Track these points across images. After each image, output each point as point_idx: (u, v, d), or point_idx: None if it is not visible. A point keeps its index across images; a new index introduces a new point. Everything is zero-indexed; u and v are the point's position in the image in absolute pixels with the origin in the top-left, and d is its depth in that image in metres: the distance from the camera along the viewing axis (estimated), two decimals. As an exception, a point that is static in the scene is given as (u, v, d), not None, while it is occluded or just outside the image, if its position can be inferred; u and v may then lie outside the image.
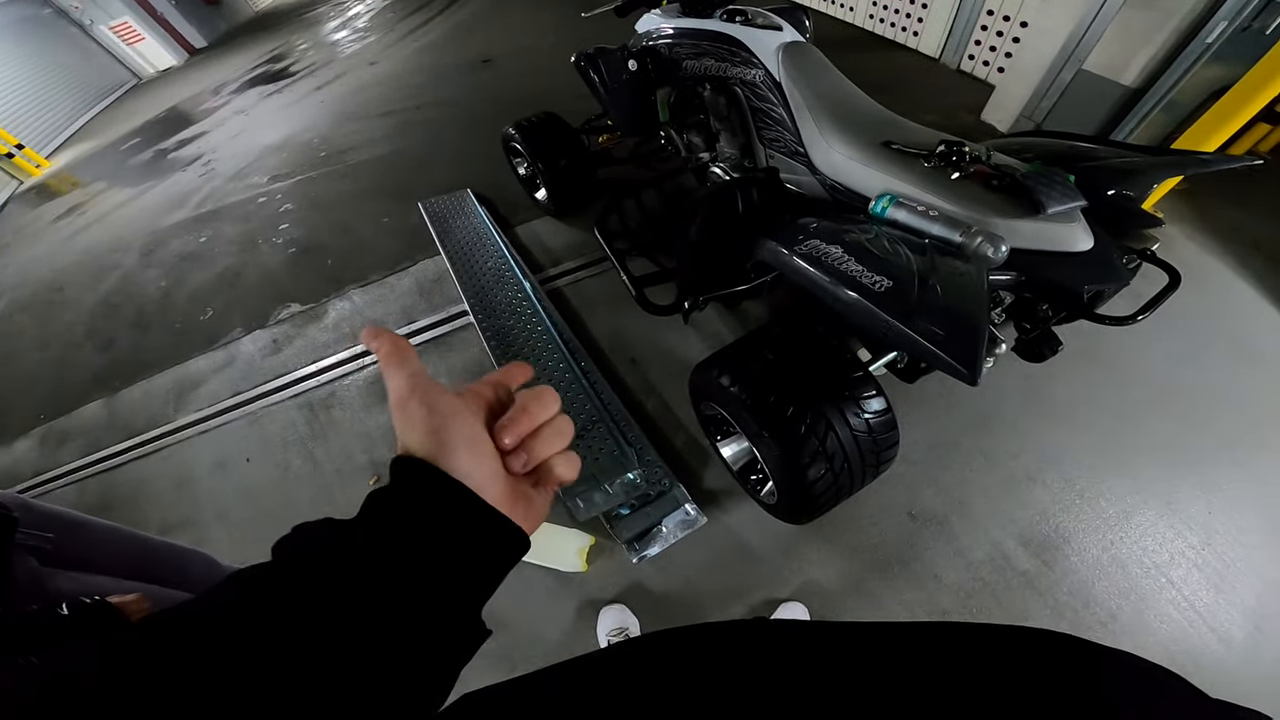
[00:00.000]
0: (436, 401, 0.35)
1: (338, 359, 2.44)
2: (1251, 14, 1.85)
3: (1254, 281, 1.97)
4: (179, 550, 1.33)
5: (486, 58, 4.97)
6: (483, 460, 0.35)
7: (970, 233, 1.06)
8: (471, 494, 0.33)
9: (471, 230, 2.68)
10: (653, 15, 2.02)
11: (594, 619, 1.53)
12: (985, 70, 3.19)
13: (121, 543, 1.20)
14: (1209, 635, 1.35)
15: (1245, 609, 1.37)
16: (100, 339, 3.07)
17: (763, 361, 1.24)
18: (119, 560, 1.15)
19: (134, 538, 1.24)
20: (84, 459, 2.39)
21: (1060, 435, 1.68)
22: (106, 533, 1.18)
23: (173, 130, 5.98)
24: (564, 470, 0.39)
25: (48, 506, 1.10)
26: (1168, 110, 2.21)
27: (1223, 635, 1.35)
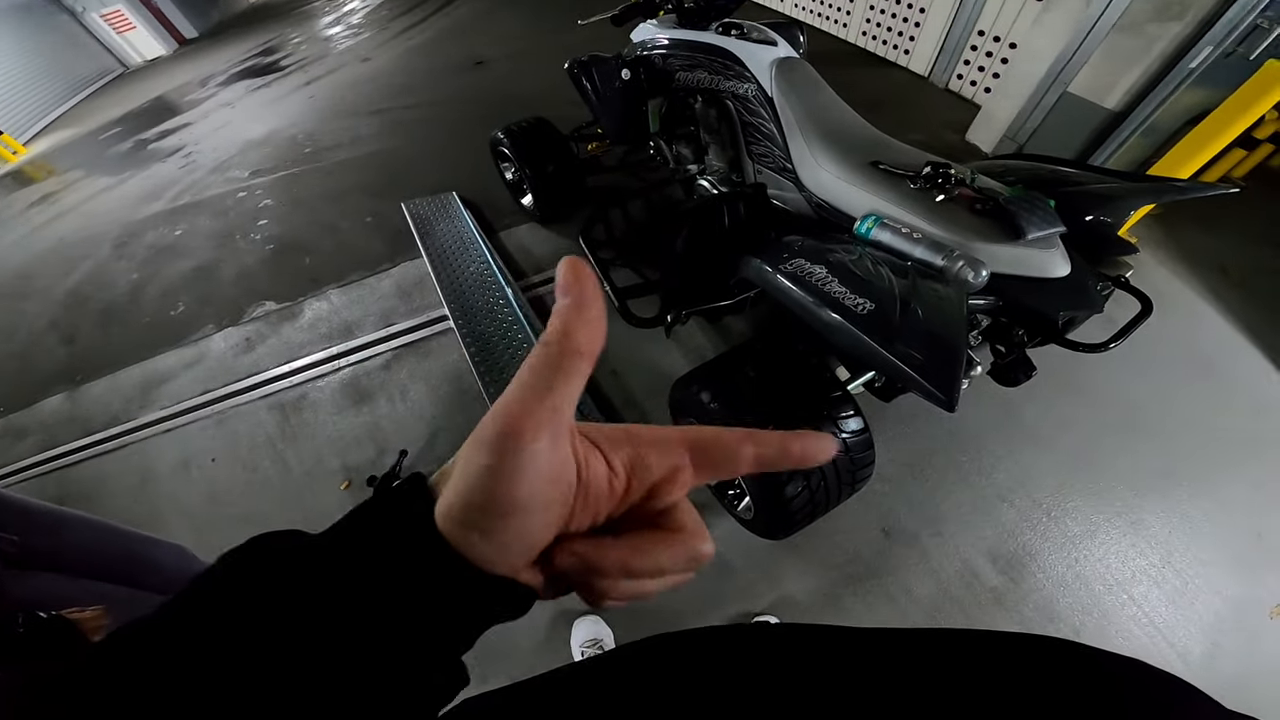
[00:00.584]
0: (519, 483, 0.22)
1: (312, 359, 2.39)
2: (1236, 40, 1.90)
3: (1221, 308, 2.01)
4: (153, 542, 1.28)
5: (480, 60, 4.94)
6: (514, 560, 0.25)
7: (952, 256, 1.06)
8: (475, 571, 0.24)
9: (455, 234, 2.65)
10: (648, 25, 2.02)
11: (567, 630, 1.51)
12: (972, 90, 3.23)
13: (94, 535, 1.16)
14: (1168, 650, 1.38)
15: (1203, 626, 1.41)
16: (66, 331, 2.99)
17: (743, 378, 1.24)
18: (91, 556, 1.11)
19: (107, 529, 1.20)
20: (42, 455, 2.31)
21: (1030, 456, 1.70)
22: (79, 525, 1.14)
23: (155, 120, 5.87)
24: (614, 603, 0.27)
25: (17, 498, 1.06)
26: (1147, 134, 2.26)
27: (1181, 651, 1.38)
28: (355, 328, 2.49)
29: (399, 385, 2.20)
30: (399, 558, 0.24)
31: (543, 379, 0.23)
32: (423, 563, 0.23)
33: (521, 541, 0.24)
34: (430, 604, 0.24)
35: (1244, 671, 1.35)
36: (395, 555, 0.24)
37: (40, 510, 1.09)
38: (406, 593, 0.23)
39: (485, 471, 0.22)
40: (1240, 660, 1.36)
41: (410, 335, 2.38)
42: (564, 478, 0.24)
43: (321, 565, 0.24)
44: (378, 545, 0.24)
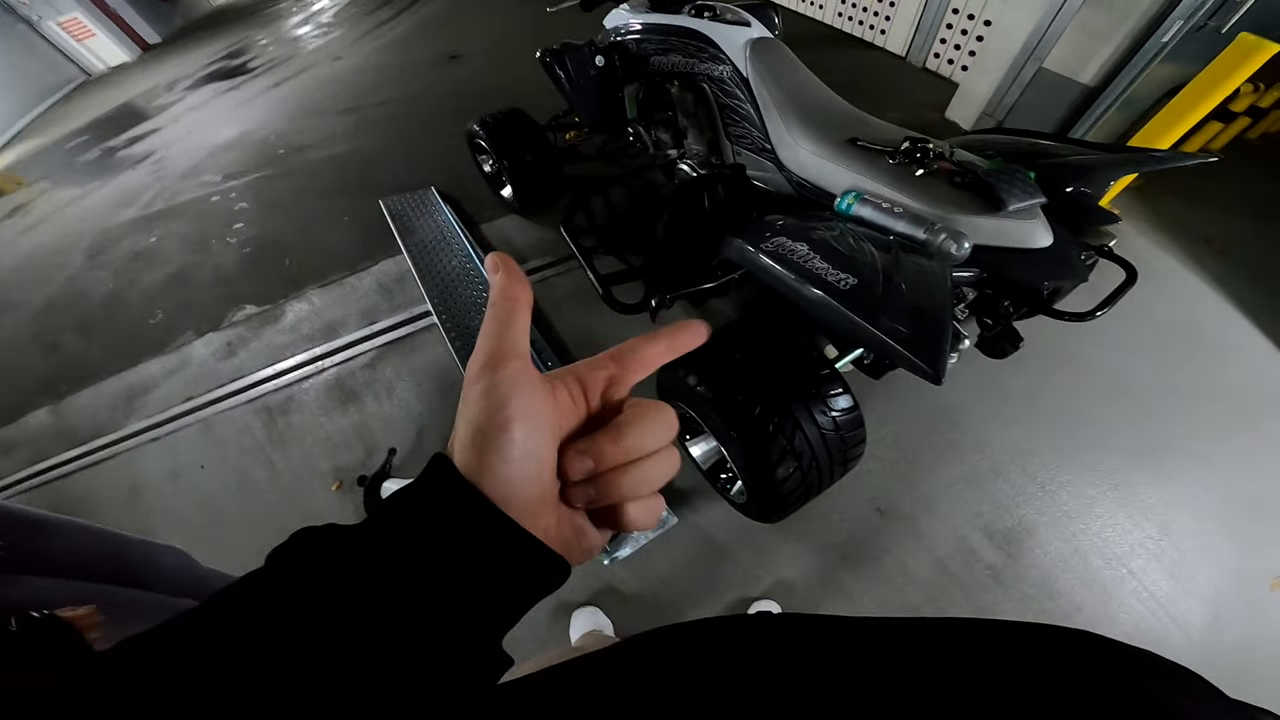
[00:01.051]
0: (506, 397, 0.27)
1: (296, 361, 2.35)
2: (1207, 13, 1.90)
3: (1205, 276, 2.03)
4: (147, 545, 1.27)
5: (454, 53, 4.86)
6: (530, 480, 0.27)
7: (934, 229, 1.06)
8: (504, 518, 0.26)
9: (435, 229, 2.61)
10: (620, 10, 1.99)
11: (567, 622, 1.50)
12: (950, 68, 3.24)
13: (87, 540, 1.15)
14: (1170, 625, 1.38)
15: (1203, 598, 1.41)
16: (45, 343, 2.90)
17: (729, 361, 1.22)
18: (84, 559, 1.10)
19: (100, 534, 1.18)
20: (30, 469, 2.26)
21: (1022, 429, 1.71)
22: (70, 530, 1.13)
23: (122, 127, 5.72)
24: (639, 518, 0.31)
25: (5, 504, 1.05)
26: (1124, 108, 2.27)
27: (1183, 624, 1.38)
28: (338, 327, 2.45)
29: (385, 383, 2.17)
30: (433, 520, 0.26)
31: (500, 324, 0.29)
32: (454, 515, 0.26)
33: (529, 457, 0.27)
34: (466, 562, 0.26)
35: (1246, 644, 1.35)
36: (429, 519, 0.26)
37: (23, 515, 1.07)
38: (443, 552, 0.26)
39: (480, 395, 0.27)
40: (1242, 633, 1.37)
41: (394, 332, 2.34)
42: (541, 389, 0.29)
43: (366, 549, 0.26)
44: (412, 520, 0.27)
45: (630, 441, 0.30)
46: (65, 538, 1.11)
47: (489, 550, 0.26)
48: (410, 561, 0.25)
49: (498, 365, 0.28)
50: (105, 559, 1.14)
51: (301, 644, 0.22)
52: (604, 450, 0.29)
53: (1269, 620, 1.38)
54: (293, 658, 0.22)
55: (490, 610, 0.27)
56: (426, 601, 0.25)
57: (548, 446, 0.28)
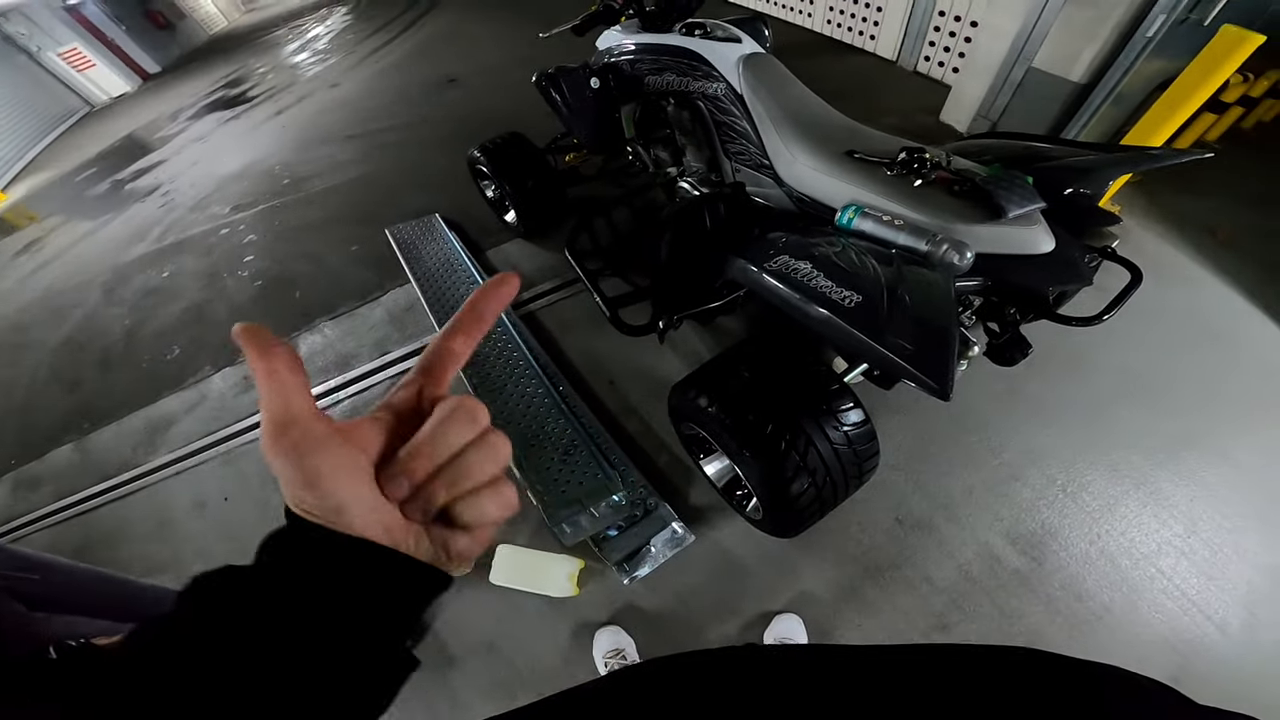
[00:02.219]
0: (298, 464, 0.28)
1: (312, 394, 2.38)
2: (1188, 6, 1.91)
3: (1212, 267, 2.03)
4: (162, 592, 1.31)
5: (451, 77, 4.93)
6: (371, 515, 0.29)
7: (935, 240, 1.07)
8: (358, 541, 0.29)
9: (441, 256, 2.64)
10: (613, 32, 2.02)
11: (589, 641, 1.51)
12: (941, 71, 3.26)
13: (102, 586, 1.19)
14: (1205, 624, 1.36)
15: (1237, 595, 1.39)
16: (66, 380, 2.97)
17: (739, 380, 1.23)
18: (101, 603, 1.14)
19: (115, 581, 1.23)
20: (58, 503, 2.31)
21: (1038, 432, 1.70)
22: (86, 576, 1.17)
23: (129, 159, 5.83)
24: (489, 509, 0.32)
25: (24, 551, 1.09)
26: (1117, 104, 2.28)
27: (1219, 623, 1.36)
28: (352, 359, 2.48)
29: (399, 413, 2.19)
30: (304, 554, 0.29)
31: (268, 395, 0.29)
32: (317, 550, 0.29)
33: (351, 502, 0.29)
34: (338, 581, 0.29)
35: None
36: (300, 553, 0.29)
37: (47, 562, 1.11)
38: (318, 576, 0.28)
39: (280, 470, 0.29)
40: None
41: (407, 363, 2.37)
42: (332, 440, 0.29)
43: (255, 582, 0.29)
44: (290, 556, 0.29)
45: (432, 446, 0.31)
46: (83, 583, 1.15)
47: (356, 571, 0.29)
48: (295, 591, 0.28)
49: (280, 436, 0.28)
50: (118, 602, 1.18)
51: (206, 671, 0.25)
52: (411, 464, 0.30)
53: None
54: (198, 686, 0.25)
55: (375, 621, 0.30)
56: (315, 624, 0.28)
57: (363, 485, 0.30)
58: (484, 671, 1.52)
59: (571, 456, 1.73)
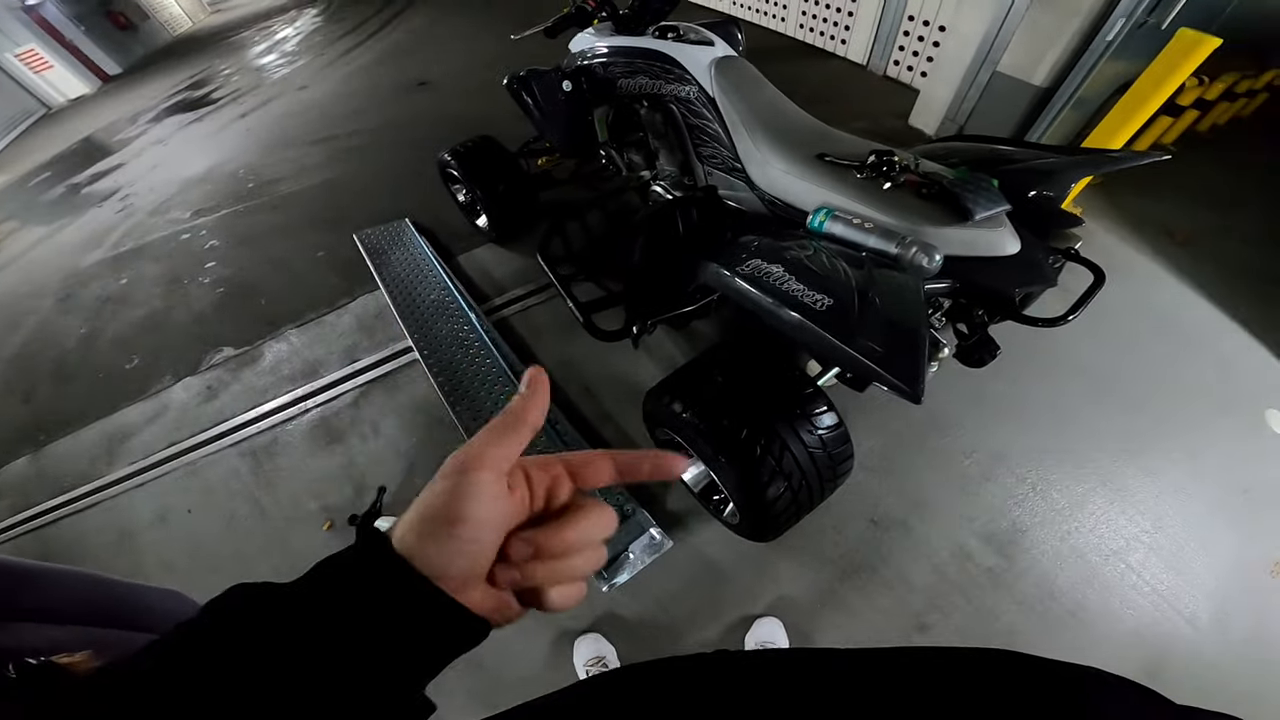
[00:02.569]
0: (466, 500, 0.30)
1: (279, 403, 2.31)
2: (1146, 10, 1.97)
3: (1171, 267, 2.09)
4: (141, 588, 1.25)
5: (422, 80, 4.86)
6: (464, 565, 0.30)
7: (905, 243, 1.07)
8: (429, 585, 0.29)
9: (411, 262, 2.59)
10: (585, 34, 2.00)
11: (570, 650, 1.49)
12: (910, 75, 3.32)
13: (79, 587, 1.13)
14: (1176, 619, 1.39)
15: (1207, 589, 1.42)
16: (20, 391, 2.82)
17: (713, 385, 1.22)
18: (77, 606, 1.08)
19: (92, 580, 1.16)
20: (15, 517, 2.20)
21: (1007, 431, 1.73)
22: (61, 577, 1.11)
23: (86, 162, 5.61)
24: (560, 602, 0.33)
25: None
26: (1077, 108, 2.35)
27: (1189, 617, 1.39)
28: (319, 367, 2.41)
29: (370, 421, 2.14)
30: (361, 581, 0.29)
31: (498, 435, 0.32)
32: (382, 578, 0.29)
33: (467, 551, 0.30)
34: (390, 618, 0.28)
35: (1256, 633, 1.36)
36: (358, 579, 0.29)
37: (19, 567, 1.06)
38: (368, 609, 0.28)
39: (444, 491, 0.30)
40: (1251, 621, 1.37)
41: (376, 370, 2.31)
42: (501, 499, 0.31)
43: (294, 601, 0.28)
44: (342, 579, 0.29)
45: (572, 537, 0.33)
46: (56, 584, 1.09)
47: (409, 611, 0.29)
48: (340, 621, 0.28)
49: (471, 470, 0.30)
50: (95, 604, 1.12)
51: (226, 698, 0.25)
52: (547, 541, 0.32)
53: (1275, 606, 1.39)
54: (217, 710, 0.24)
55: (411, 664, 0.29)
56: (346, 656, 0.27)
57: (490, 544, 0.31)
58: (461, 682, 1.48)
59: (546, 464, 1.70)
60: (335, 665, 0.27)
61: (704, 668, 0.37)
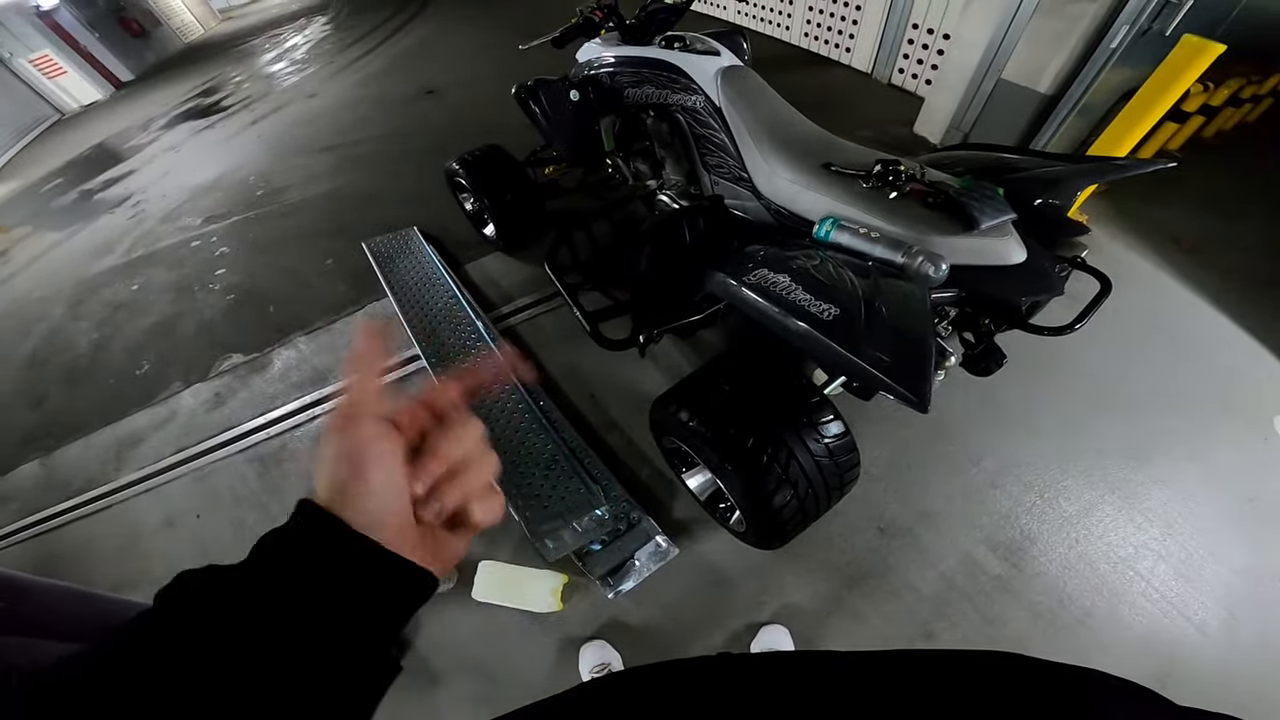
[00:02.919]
0: (361, 450, 0.32)
1: (287, 410, 2.32)
2: (1150, 16, 1.97)
3: (1176, 274, 2.09)
4: (128, 604, 1.27)
5: (430, 89, 4.91)
6: (389, 512, 0.32)
7: (911, 253, 1.08)
8: (368, 541, 0.31)
9: (419, 270, 2.61)
10: (593, 44, 2.02)
11: (575, 657, 1.49)
12: (914, 83, 3.33)
13: (75, 604, 1.15)
14: (1185, 625, 1.38)
15: (1216, 596, 1.42)
16: (31, 396, 2.85)
17: (719, 394, 1.23)
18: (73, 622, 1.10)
19: (88, 596, 1.19)
20: (23, 521, 2.22)
21: (1015, 439, 1.73)
22: (59, 594, 1.14)
23: (99, 169, 5.68)
24: (481, 514, 0.37)
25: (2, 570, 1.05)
26: (1082, 115, 2.35)
27: (1198, 624, 1.38)
28: (328, 374, 2.43)
29: (376, 429, 2.15)
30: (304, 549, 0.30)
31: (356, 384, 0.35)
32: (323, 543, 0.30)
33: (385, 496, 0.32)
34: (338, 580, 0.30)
35: (1264, 640, 1.35)
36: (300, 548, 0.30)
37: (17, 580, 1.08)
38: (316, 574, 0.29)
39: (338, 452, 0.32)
40: (1259, 629, 1.37)
41: (384, 378, 2.32)
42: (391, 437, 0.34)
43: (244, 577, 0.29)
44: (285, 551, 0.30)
45: (442, 452, 0.35)
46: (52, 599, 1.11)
47: (359, 571, 0.30)
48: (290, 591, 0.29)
49: (351, 423, 0.33)
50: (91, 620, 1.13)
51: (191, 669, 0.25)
52: (426, 464, 0.35)
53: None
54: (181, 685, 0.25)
55: (367, 624, 0.31)
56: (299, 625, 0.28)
57: (400, 482, 0.33)
58: (467, 689, 1.49)
59: (553, 471, 1.71)
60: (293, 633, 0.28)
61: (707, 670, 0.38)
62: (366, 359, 0.36)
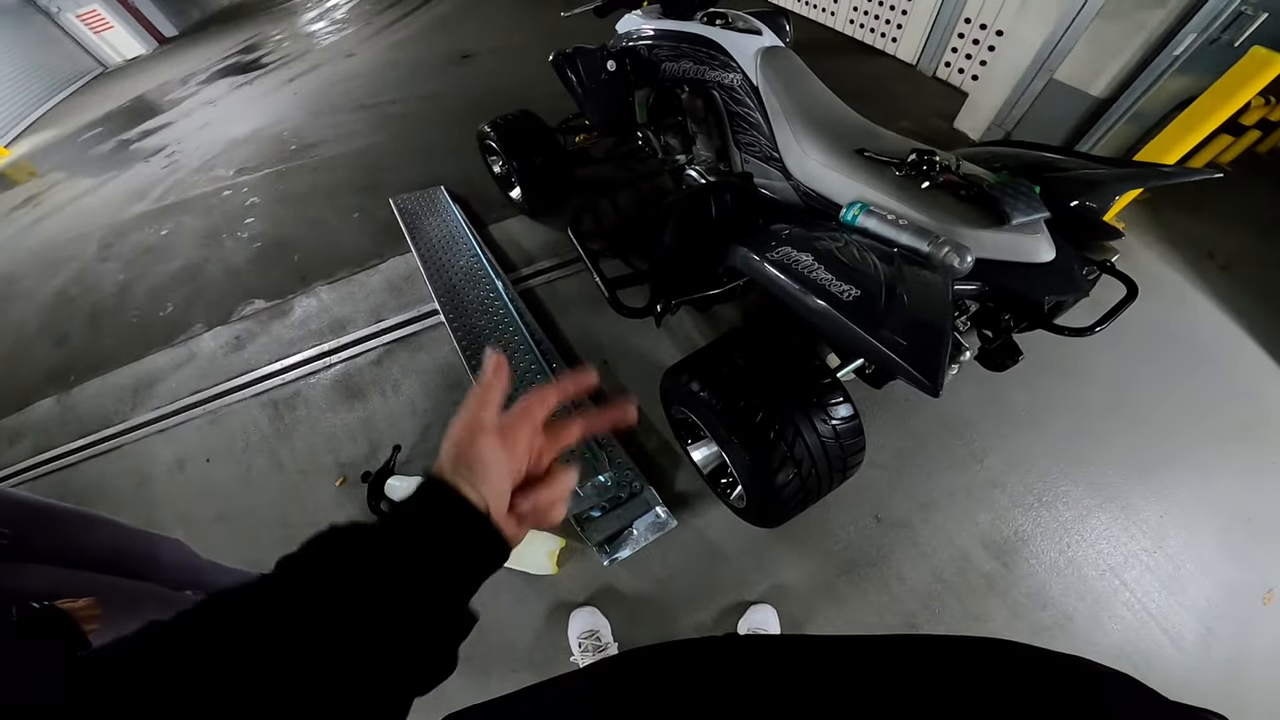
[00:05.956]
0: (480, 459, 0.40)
1: (303, 357, 2.38)
2: (1221, 26, 1.90)
3: (1208, 290, 2.03)
4: (149, 537, 1.28)
5: (466, 53, 4.89)
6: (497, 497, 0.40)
7: (938, 242, 1.06)
8: (484, 517, 0.39)
9: (444, 228, 2.63)
10: (633, 16, 2.00)
11: (565, 621, 1.52)
12: (960, 78, 3.24)
13: (90, 530, 1.17)
14: (1161, 636, 1.39)
15: (1196, 610, 1.42)
16: (54, 333, 2.95)
17: (732, 367, 1.24)
18: (86, 550, 1.11)
19: (103, 523, 1.20)
20: (36, 458, 2.30)
21: (1021, 441, 1.71)
22: (75, 519, 1.15)
23: (137, 120, 5.80)
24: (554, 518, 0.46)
25: (10, 492, 1.06)
26: (1134, 121, 2.27)
27: (1174, 636, 1.39)
28: (346, 324, 2.48)
29: (391, 380, 2.19)
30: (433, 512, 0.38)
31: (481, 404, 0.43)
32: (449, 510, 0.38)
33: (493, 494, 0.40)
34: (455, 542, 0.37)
35: (1237, 658, 1.36)
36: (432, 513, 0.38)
37: (33, 504, 1.09)
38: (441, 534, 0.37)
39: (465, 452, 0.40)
40: (1234, 647, 1.37)
41: (401, 330, 2.37)
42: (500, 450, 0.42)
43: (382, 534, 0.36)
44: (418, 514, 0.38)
45: (554, 493, 0.45)
46: (70, 526, 1.12)
47: (474, 536, 0.39)
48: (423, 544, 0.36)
49: (476, 437, 0.41)
50: (107, 550, 1.16)
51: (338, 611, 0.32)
52: (539, 498, 0.44)
53: (1260, 634, 1.38)
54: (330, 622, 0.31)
55: (469, 578, 0.39)
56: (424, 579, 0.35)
57: (505, 486, 0.42)
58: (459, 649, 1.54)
59: (560, 435, 1.73)
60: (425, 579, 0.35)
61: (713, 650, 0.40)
62: (493, 386, 0.44)
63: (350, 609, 0.32)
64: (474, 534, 0.38)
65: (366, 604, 0.32)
